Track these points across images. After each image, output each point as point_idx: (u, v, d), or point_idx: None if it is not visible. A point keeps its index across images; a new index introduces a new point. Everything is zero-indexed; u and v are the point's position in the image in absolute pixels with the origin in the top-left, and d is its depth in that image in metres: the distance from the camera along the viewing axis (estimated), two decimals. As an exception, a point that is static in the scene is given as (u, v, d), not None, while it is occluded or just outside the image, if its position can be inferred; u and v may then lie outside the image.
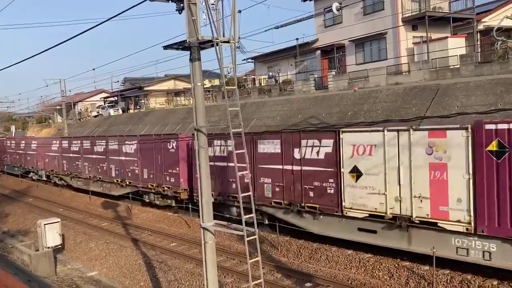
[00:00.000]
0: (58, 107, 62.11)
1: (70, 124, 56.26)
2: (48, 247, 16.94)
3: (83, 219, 23.85)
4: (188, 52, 8.38)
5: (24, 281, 14.10)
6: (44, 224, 17.15)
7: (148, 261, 16.05)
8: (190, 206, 20.70)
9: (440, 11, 30.21)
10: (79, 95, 72.14)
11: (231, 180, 18.13)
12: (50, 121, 70.90)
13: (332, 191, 14.60)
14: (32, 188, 35.82)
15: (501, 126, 11.10)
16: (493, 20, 29.78)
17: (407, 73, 27.15)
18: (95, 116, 59.85)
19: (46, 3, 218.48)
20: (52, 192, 32.98)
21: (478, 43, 28.86)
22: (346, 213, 14.21)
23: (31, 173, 39.42)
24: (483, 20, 30.77)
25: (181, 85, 57.52)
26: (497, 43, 19.45)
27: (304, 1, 36.77)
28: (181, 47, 8.43)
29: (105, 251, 17.90)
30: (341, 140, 14.29)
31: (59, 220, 18.02)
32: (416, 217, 12.50)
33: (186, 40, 8.16)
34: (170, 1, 8.16)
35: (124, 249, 17.63)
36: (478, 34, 29.73)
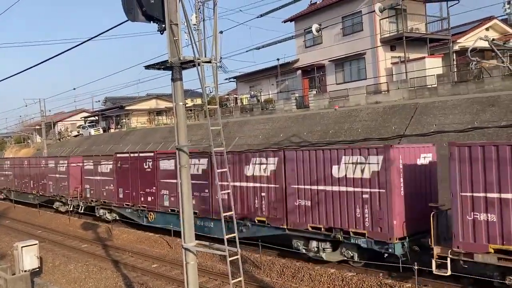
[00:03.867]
0: (38, 127, 61.33)
1: (50, 144, 55.48)
2: (25, 271, 16.48)
3: (62, 241, 23.33)
4: (170, 72, 8.43)
5: (-1, 306, 13.67)
6: (21, 247, 16.70)
7: (129, 283, 15.75)
8: (172, 227, 20.42)
9: (417, 32, 31.02)
10: (59, 115, 71.38)
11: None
12: (29, 141, 69.78)
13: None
14: (9, 210, 34.98)
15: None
16: (468, 41, 30.73)
17: (386, 92, 27.67)
18: (76, 136, 59.18)
19: (25, 22, 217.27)
20: (30, 213, 32.26)
21: (454, 63, 29.66)
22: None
23: None
24: (458, 41, 31.70)
25: (162, 104, 57.48)
26: (472, 64, 20.03)
27: (284, 22, 37.38)
28: (162, 67, 8.48)
29: (85, 274, 17.51)
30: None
31: (37, 242, 17.57)
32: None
33: (167, 60, 8.21)
34: (151, 22, 8.22)
35: (104, 271, 17.28)
36: (454, 54, 30.57)
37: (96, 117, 63.58)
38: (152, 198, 21.32)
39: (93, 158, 26.91)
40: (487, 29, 33.16)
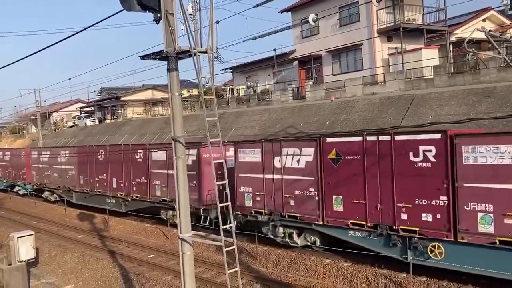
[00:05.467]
0: (33, 118, 61.08)
1: (45, 135, 55.27)
2: (21, 261, 16.50)
3: (58, 232, 23.34)
4: (166, 62, 8.38)
5: (-4, 296, 13.70)
6: (17, 237, 16.72)
7: (125, 273, 15.80)
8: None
9: (414, 23, 30.94)
10: (55, 105, 71.11)
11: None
12: (24, 131, 69.50)
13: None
14: (5, 200, 34.91)
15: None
16: (465, 32, 30.67)
17: (382, 83, 27.65)
18: (71, 127, 58.97)
19: (19, 12, 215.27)
20: (26, 204, 32.20)
21: (451, 54, 29.64)
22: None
23: None
24: (455, 32, 31.65)
25: (158, 95, 57.30)
26: (468, 55, 19.98)
27: (281, 12, 37.20)
28: (158, 57, 8.42)
29: (81, 264, 17.55)
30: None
31: (33, 232, 17.58)
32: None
33: (163, 50, 8.16)
34: (147, 11, 8.16)
35: (101, 262, 17.32)
36: (451, 45, 30.53)
37: (92, 108, 63.36)
38: (439, 216, 11.81)
39: (263, 144, 16.36)
40: (484, 20, 33.10)
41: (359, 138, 13.44)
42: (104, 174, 24.70)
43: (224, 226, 8.04)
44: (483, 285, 11.56)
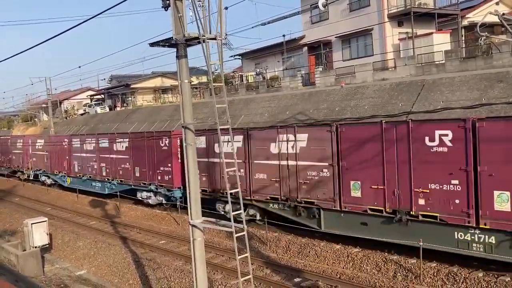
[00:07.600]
0: (44, 106, 61.52)
1: (57, 123, 55.72)
2: (36, 247, 16.81)
3: (70, 218, 23.67)
4: (175, 49, 8.38)
5: (11, 281, 14.01)
6: (31, 224, 17.02)
7: (137, 259, 16.01)
8: (178, 203, 20.65)
9: (425, 7, 30.47)
10: (65, 93, 71.48)
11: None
12: (36, 119, 70.11)
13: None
14: (18, 187, 35.42)
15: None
16: (477, 16, 30.14)
17: (393, 69, 27.36)
18: (82, 114, 59.33)
19: (27, 3, 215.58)
20: (39, 191, 32.65)
21: (463, 38, 29.19)
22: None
23: None
24: (467, 16, 31.13)
25: (168, 82, 57.24)
26: (481, 39, 19.64)
27: (290, -3, 36.85)
28: (167, 44, 8.44)
29: (94, 250, 17.81)
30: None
31: (46, 219, 17.88)
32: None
33: (172, 37, 8.16)
34: (155, -2, 8.15)
35: (113, 247, 17.56)
36: (463, 30, 30.06)
37: (102, 96, 63.63)
38: None
39: None
40: (497, 3, 32.47)
41: None
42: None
43: (234, 213, 8.10)
44: (492, 271, 11.56)
